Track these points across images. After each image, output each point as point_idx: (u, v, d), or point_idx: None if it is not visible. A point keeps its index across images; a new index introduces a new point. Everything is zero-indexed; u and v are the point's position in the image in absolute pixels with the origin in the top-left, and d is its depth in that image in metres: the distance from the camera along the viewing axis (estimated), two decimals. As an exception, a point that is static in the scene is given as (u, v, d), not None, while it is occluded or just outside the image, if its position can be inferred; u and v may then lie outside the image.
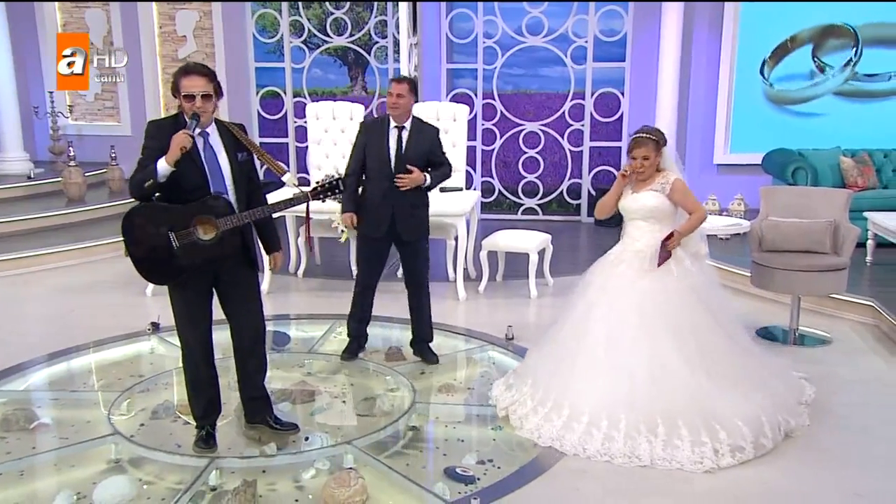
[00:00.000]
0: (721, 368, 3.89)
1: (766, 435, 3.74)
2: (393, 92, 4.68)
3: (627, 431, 3.69)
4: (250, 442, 3.89)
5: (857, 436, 3.95)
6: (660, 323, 3.88)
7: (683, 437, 3.65)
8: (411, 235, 4.79)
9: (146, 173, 3.38)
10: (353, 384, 4.71)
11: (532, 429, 3.90)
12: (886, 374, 4.79)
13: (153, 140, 3.44)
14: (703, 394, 3.77)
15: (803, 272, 5.11)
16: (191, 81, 3.43)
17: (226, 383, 4.61)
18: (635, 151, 4.04)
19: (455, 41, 9.28)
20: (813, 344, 5.28)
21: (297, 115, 9.41)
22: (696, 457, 3.60)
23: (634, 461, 3.62)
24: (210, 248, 3.45)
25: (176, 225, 3.42)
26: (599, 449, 3.68)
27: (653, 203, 4.05)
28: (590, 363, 3.92)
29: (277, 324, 5.85)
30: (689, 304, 3.97)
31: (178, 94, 3.45)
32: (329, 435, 4.00)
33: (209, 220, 3.42)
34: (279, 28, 9.41)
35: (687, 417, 3.70)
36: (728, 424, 3.70)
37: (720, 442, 3.65)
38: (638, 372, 3.80)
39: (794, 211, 5.40)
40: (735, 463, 3.61)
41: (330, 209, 6.05)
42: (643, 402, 3.74)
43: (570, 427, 3.80)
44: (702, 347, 3.89)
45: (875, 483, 3.53)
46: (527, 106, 9.46)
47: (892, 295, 5.77)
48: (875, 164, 7.70)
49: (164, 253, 3.44)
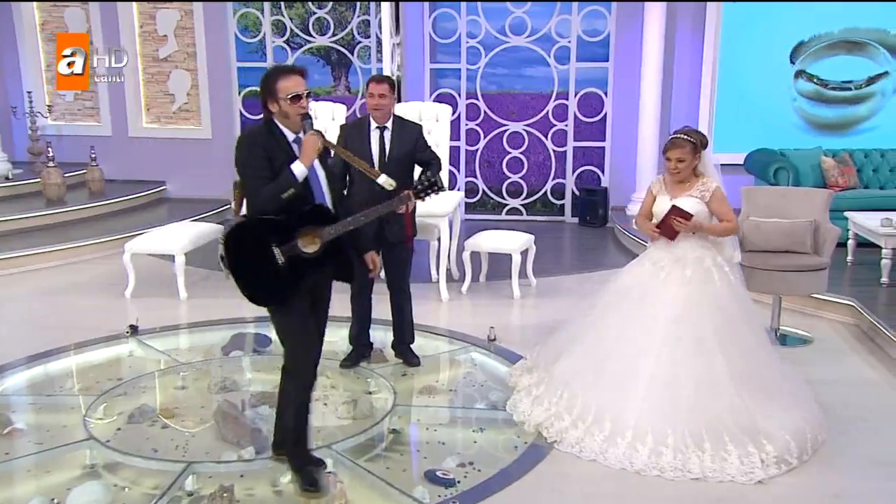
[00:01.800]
0: (764, 382, 3.85)
1: (808, 449, 3.71)
2: (375, 93, 4.61)
3: (676, 445, 3.60)
4: (228, 446, 3.85)
5: (838, 436, 3.96)
6: (705, 335, 3.80)
7: (730, 451, 3.58)
8: (398, 237, 4.73)
9: (281, 182, 3.13)
10: (334, 386, 4.67)
11: (573, 443, 3.77)
12: (866, 373, 4.81)
13: (256, 149, 3.18)
14: (748, 410, 3.69)
15: (784, 272, 5.12)
16: (293, 82, 3.18)
17: (204, 385, 4.60)
18: (670, 152, 3.94)
19: (438, 41, 9.25)
20: (794, 344, 5.30)
21: (279, 115, 9.32)
22: (747, 468, 3.53)
23: (686, 474, 3.53)
24: (314, 261, 3.22)
25: (279, 239, 3.18)
26: (647, 462, 3.58)
27: (693, 209, 3.94)
28: (632, 375, 3.81)
29: (259, 325, 5.80)
30: (731, 315, 3.90)
31: (275, 98, 3.19)
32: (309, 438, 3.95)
33: (312, 231, 3.20)
34: (261, 27, 9.35)
35: (732, 432, 3.63)
36: (776, 438, 3.64)
37: (766, 454, 3.58)
38: (685, 386, 3.72)
39: (775, 211, 5.41)
40: (780, 473, 3.55)
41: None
42: (689, 419, 3.66)
43: (614, 441, 3.69)
44: (746, 360, 3.82)
45: (854, 484, 3.54)
46: (511, 106, 9.45)
47: (872, 295, 5.81)
48: (856, 164, 7.74)
49: (268, 270, 3.18)
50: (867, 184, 7.75)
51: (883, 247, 6.03)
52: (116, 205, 8.87)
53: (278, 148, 3.21)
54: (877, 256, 6.08)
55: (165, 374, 4.87)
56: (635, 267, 4.17)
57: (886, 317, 5.30)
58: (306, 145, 3.17)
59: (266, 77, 3.24)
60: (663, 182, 4.13)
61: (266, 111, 3.25)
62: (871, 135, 8.39)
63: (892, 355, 4.95)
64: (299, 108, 3.18)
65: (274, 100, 3.19)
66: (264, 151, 3.17)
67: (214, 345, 5.35)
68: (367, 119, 4.70)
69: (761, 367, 3.89)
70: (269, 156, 3.17)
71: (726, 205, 4.00)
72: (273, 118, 3.24)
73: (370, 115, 4.68)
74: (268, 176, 3.14)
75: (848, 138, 8.26)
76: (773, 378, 3.93)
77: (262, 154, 3.17)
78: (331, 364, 4.92)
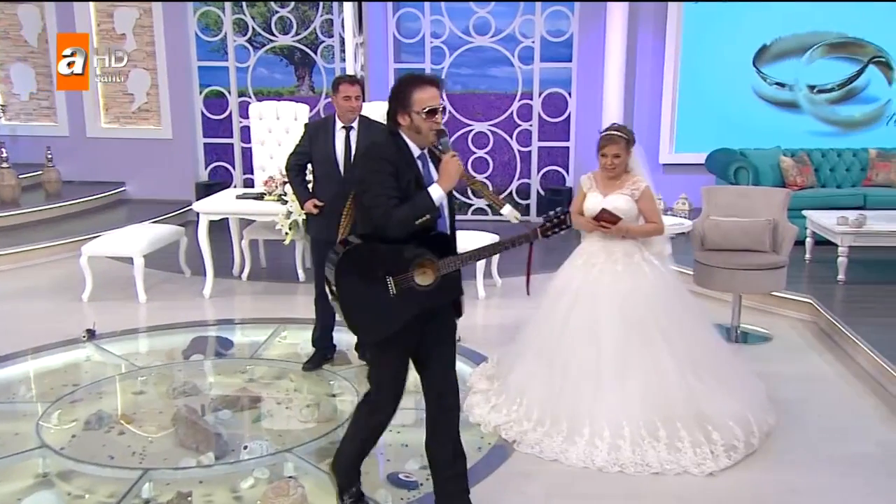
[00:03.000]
0: (707, 369, 3.92)
1: (755, 434, 3.79)
2: (351, 95, 4.52)
3: (633, 439, 3.66)
4: (187, 451, 3.79)
5: (796, 432, 4.02)
6: (647, 326, 3.87)
7: (684, 439, 3.66)
8: None
9: (418, 206, 2.79)
10: (297, 389, 4.63)
11: (532, 444, 3.80)
12: (823, 369, 4.89)
13: (386, 164, 2.83)
14: (695, 396, 3.78)
15: (744, 271, 5.19)
16: (429, 94, 2.84)
17: (164, 390, 4.52)
18: (607, 149, 3.98)
19: (402, 41, 9.22)
20: (755, 341, 5.37)
21: (242, 115, 9.24)
22: (700, 458, 3.61)
23: (645, 469, 3.58)
24: (427, 294, 2.85)
25: (395, 268, 2.82)
26: (608, 459, 3.62)
27: (624, 207, 4.00)
28: (582, 373, 3.85)
29: (221, 328, 5.74)
30: (669, 305, 3.98)
31: (408, 110, 2.84)
32: (269, 442, 3.91)
33: (429, 262, 2.84)
34: (223, 26, 9.22)
35: (684, 420, 3.71)
36: (720, 425, 3.72)
37: (714, 443, 3.66)
38: (634, 378, 3.79)
39: (735, 210, 5.49)
40: (730, 464, 3.63)
41: (273, 211, 5.98)
42: (642, 409, 3.73)
43: (573, 440, 3.73)
44: (688, 348, 3.90)
45: (811, 479, 3.59)
46: (475, 106, 9.46)
47: (829, 292, 5.92)
48: (813, 163, 7.88)
49: (378, 301, 2.83)
50: (824, 183, 7.89)
51: (839, 245, 6.15)
52: (74, 206, 8.69)
53: (406, 165, 2.87)
54: (834, 254, 6.19)
55: (123, 379, 4.78)
56: (568, 266, 4.20)
57: (843, 314, 5.40)
58: (449, 168, 2.85)
59: (399, 85, 2.90)
60: (594, 179, 4.17)
61: (393, 123, 2.89)
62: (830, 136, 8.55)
63: (848, 352, 5.05)
64: (434, 123, 2.85)
65: (406, 112, 2.84)
66: (393, 168, 2.82)
67: (174, 348, 5.27)
68: (333, 118, 4.65)
69: (704, 355, 3.97)
70: (398, 173, 2.83)
71: (654, 205, 4.09)
72: (399, 131, 2.90)
73: (336, 115, 4.62)
74: (397, 196, 2.79)
75: (807, 139, 8.39)
76: (715, 365, 4.00)
77: (392, 171, 2.82)
78: (293, 367, 4.89)
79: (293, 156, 4.74)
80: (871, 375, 4.69)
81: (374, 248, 2.83)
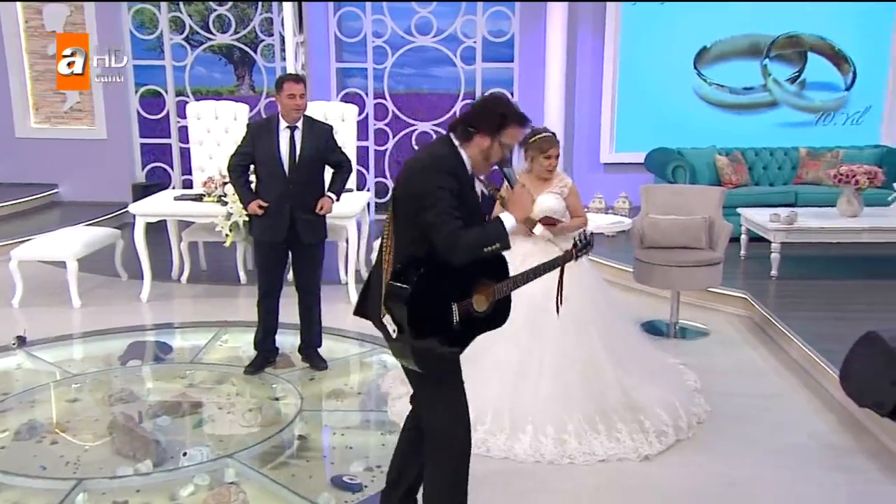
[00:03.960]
0: (634, 360, 4.08)
1: (682, 418, 3.95)
2: (295, 93, 4.46)
3: (577, 432, 3.75)
4: (124, 460, 3.69)
5: (733, 424, 4.13)
6: (582, 319, 3.98)
7: (621, 430, 3.80)
8: (313, 238, 4.65)
9: (491, 234, 2.59)
10: (239, 393, 4.55)
11: (478, 444, 3.71)
12: (758, 363, 5.04)
13: (452, 181, 2.59)
14: (624, 386, 3.93)
15: (681, 267, 5.31)
16: (521, 133, 2.71)
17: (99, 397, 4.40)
18: (552, 150, 4.12)
19: (344, 40, 9.16)
20: (693, 336, 5.49)
21: (180, 114, 9.04)
22: (637, 444, 3.76)
23: (592, 458, 3.69)
24: (481, 322, 2.70)
25: (458, 294, 2.63)
26: (555, 452, 3.69)
27: (556, 205, 4.15)
28: (521, 370, 3.91)
29: (160, 333, 5.62)
30: (596, 300, 4.12)
31: (497, 139, 2.64)
32: (210, 448, 3.84)
33: (486, 286, 2.69)
34: (158, 24, 9.01)
35: (619, 412, 3.85)
36: (649, 412, 3.88)
37: (647, 431, 3.82)
38: (571, 372, 3.88)
39: (673, 208, 5.60)
40: (663, 448, 3.78)
41: (213, 212, 5.88)
42: (580, 402, 3.83)
43: (517, 437, 3.77)
44: (615, 340, 4.05)
45: (748, 470, 3.69)
46: (419, 106, 9.45)
47: (763, 287, 6.09)
48: (747, 162, 8.11)
49: (442, 329, 2.61)
50: (758, 181, 8.12)
51: (772, 241, 6.34)
52: (2, 209, 8.41)
53: (466, 183, 2.67)
54: (767, 250, 6.38)
55: (57, 386, 4.64)
56: None
57: (776, 309, 5.57)
58: (523, 200, 2.69)
59: (500, 110, 2.67)
60: (525, 179, 4.23)
61: (465, 137, 2.66)
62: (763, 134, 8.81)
63: (781, 345, 5.21)
64: (505, 154, 2.71)
65: (491, 137, 2.63)
66: (458, 185, 2.60)
67: (111, 354, 5.14)
68: (276, 118, 4.57)
69: (627, 345, 4.14)
70: (463, 193, 2.62)
71: (579, 200, 4.28)
72: (464, 149, 2.67)
73: (280, 114, 4.54)
74: (460, 217, 2.56)
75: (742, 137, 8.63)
76: (642, 357, 4.19)
77: (456, 188, 2.59)
78: (235, 370, 4.81)
79: (235, 156, 4.65)
80: (802, 368, 4.85)
81: (443, 273, 2.59)
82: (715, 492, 3.52)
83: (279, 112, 4.54)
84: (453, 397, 2.80)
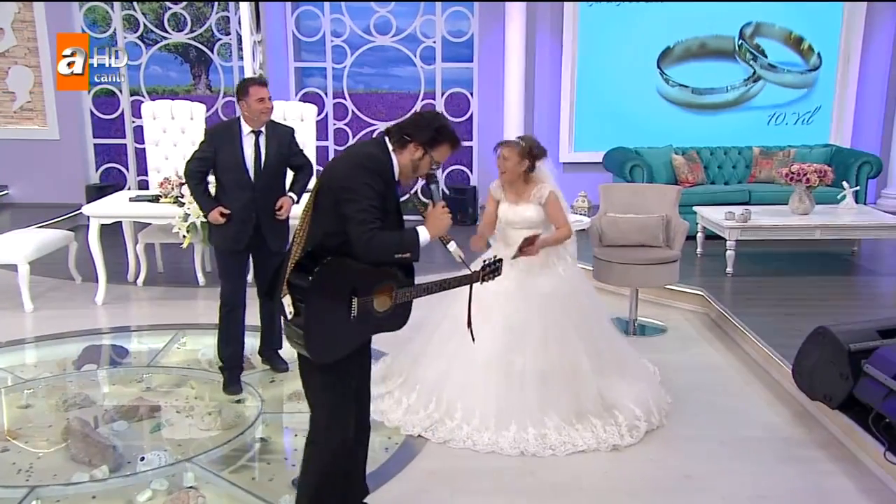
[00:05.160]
0: (609, 362, 4.17)
1: (654, 414, 4.08)
2: (265, 97, 4.30)
3: (557, 428, 3.90)
4: (79, 466, 3.62)
5: (690, 418, 4.21)
6: (564, 327, 4.05)
7: (596, 426, 3.94)
8: (280, 245, 4.43)
9: (405, 243, 2.68)
10: (198, 397, 4.50)
11: (463, 438, 3.90)
12: (714, 359, 5.13)
13: (379, 181, 2.67)
14: (603, 387, 4.06)
15: (639, 265, 5.38)
16: (449, 152, 2.79)
17: (53, 403, 4.31)
18: (500, 149, 4.15)
19: (302, 39, 9.10)
20: (651, 333, 5.58)
21: (135, 114, 8.89)
22: (609, 435, 3.90)
23: (570, 448, 3.83)
24: (378, 321, 2.76)
25: (359, 289, 2.68)
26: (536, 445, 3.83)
27: (533, 216, 4.16)
28: (504, 375, 3.98)
29: (116, 337, 5.53)
30: (579, 303, 4.19)
31: (428, 152, 2.74)
32: (168, 452, 3.79)
33: (389, 288, 2.75)
34: (111, 22, 8.85)
35: (595, 412, 3.99)
36: (623, 409, 4.02)
37: (620, 426, 3.95)
38: (554, 379, 3.98)
39: (631, 207, 5.68)
40: (634, 441, 3.90)
41: (170, 213, 5.79)
42: (561, 407, 3.95)
43: (501, 433, 3.87)
44: (596, 344, 4.13)
45: (704, 464, 3.76)
46: (378, 105, 9.43)
47: (719, 284, 6.21)
48: (703, 161, 8.25)
49: (338, 322, 2.67)
50: (713, 180, 8.27)
51: (727, 239, 6.47)
52: (-50, 211, 8.18)
53: (391, 188, 2.75)
54: (722, 248, 6.51)
55: (8, 392, 4.53)
56: None
57: (731, 305, 5.69)
58: (441, 219, 2.77)
59: (438, 126, 2.76)
60: (501, 187, 4.28)
61: (399, 145, 2.75)
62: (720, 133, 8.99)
63: (736, 341, 5.31)
64: (430, 170, 2.81)
65: (424, 151, 2.74)
66: (384, 187, 2.69)
67: (65, 359, 5.04)
68: (237, 123, 4.38)
69: (607, 348, 4.22)
70: (385, 195, 2.70)
71: (561, 210, 4.20)
72: (396, 155, 2.75)
73: (243, 119, 4.37)
74: (381, 218, 2.64)
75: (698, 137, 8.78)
76: (616, 357, 4.27)
77: (382, 190, 2.67)
78: (193, 373, 4.75)
79: (193, 161, 4.43)
80: (756, 363, 4.96)
81: (349, 266, 2.65)
82: (672, 485, 3.58)
83: (241, 116, 4.37)
84: (339, 392, 2.83)
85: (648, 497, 3.49)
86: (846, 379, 3.83)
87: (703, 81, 9.17)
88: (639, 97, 9.12)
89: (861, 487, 3.54)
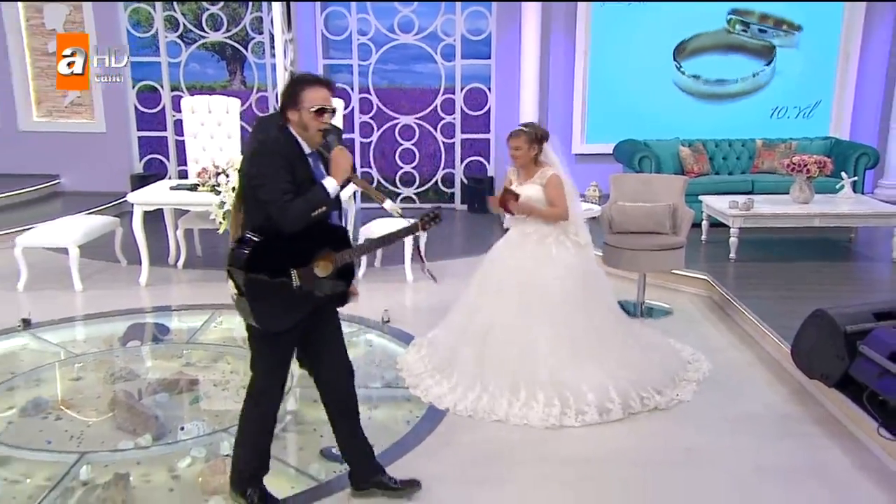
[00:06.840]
0: (583, 344, 4.09)
1: (613, 401, 3.92)
2: None
3: (493, 392, 3.97)
4: (125, 434, 3.68)
5: (693, 395, 4.17)
6: (538, 301, 4.10)
7: (539, 400, 3.89)
8: None
9: (313, 199, 2.72)
10: (234, 371, 4.53)
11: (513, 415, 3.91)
12: (717, 339, 5.09)
13: (279, 160, 2.74)
14: (561, 366, 3.98)
15: (647, 251, 5.34)
16: (321, 95, 2.78)
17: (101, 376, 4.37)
18: (510, 141, 4.25)
19: (330, 38, 9.09)
20: (658, 315, 5.54)
21: (175, 109, 8.94)
22: (544, 415, 3.83)
23: (492, 416, 3.86)
24: (324, 286, 2.85)
25: (298, 260, 2.79)
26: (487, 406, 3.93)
27: (535, 195, 4.22)
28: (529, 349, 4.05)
29: (158, 315, 5.58)
30: (565, 286, 4.15)
31: (298, 107, 2.78)
32: (206, 423, 3.84)
33: (328, 254, 2.84)
34: (154, 23, 8.89)
35: (546, 388, 3.92)
36: (575, 391, 3.92)
37: (569, 407, 3.86)
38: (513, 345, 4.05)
39: (639, 196, 5.63)
40: (577, 425, 3.80)
41: (207, 201, 5.83)
42: (512, 371, 3.99)
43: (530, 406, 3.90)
44: (570, 325, 4.09)
45: (704, 438, 3.75)
46: (401, 100, 9.40)
47: (722, 269, 6.15)
48: (708, 152, 8.15)
49: (283, 294, 2.78)
50: (718, 170, 8.17)
51: (731, 226, 6.39)
52: (7, 199, 8.29)
53: (299, 160, 2.80)
54: (726, 235, 6.44)
55: (61, 366, 4.60)
56: (495, 249, 4.45)
57: (734, 289, 5.63)
58: (340, 160, 2.80)
59: (290, 84, 2.85)
60: (515, 171, 4.40)
61: (283, 119, 2.83)
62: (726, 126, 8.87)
63: (738, 323, 5.27)
64: (321, 122, 2.79)
65: (296, 109, 2.79)
66: (287, 163, 2.74)
67: (111, 335, 5.11)
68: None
69: (585, 330, 4.14)
70: (292, 168, 2.75)
71: (559, 191, 4.22)
72: (289, 127, 2.82)
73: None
74: (293, 191, 2.71)
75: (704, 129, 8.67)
76: (600, 341, 4.17)
77: (286, 165, 2.73)
78: (229, 350, 4.80)
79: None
80: (758, 343, 4.91)
81: (282, 243, 2.75)
82: (675, 457, 3.57)
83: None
84: (276, 362, 2.96)
85: (653, 469, 3.48)
86: (842, 359, 3.79)
87: (716, 74, 9.03)
88: (648, 92, 9.00)
89: (855, 461, 3.51)
